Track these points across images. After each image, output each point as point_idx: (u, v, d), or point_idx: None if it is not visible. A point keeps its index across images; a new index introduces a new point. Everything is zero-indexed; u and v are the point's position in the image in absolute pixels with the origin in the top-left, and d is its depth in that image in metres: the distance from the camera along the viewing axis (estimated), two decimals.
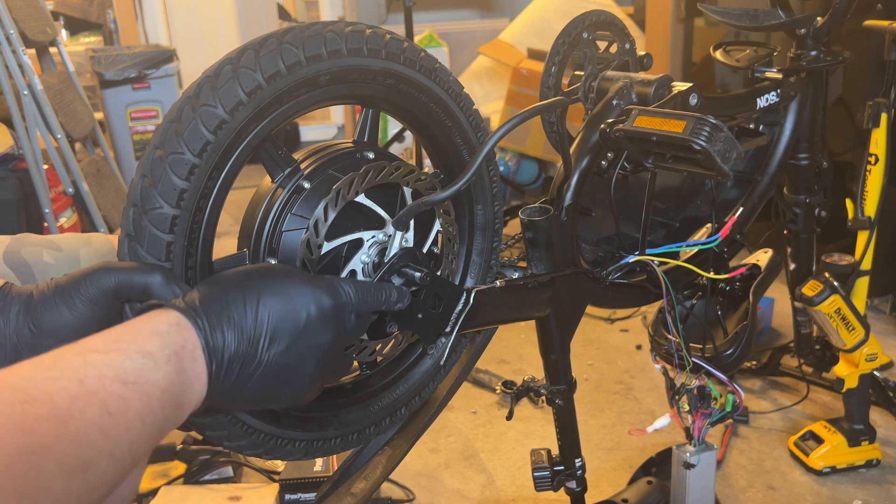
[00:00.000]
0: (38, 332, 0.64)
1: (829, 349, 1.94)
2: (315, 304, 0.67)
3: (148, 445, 0.54)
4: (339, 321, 0.69)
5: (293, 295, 0.66)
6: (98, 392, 0.50)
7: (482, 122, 0.93)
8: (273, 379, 0.65)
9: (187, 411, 0.59)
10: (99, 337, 0.56)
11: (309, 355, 0.67)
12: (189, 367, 0.59)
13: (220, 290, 0.64)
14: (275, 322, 0.64)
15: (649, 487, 1.58)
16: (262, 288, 0.65)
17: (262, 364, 0.64)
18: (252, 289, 0.64)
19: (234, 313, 0.63)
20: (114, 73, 3.57)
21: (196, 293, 0.63)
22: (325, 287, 0.68)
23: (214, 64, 0.69)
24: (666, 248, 1.18)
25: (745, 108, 1.36)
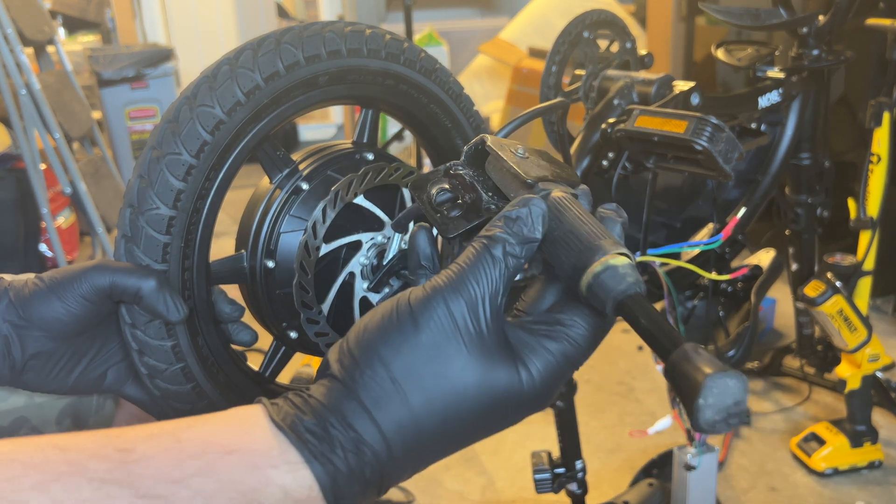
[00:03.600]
0: (28, 324, 0.63)
1: (832, 350, 1.94)
2: (493, 410, 0.49)
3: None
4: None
5: (464, 406, 0.48)
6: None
7: (482, 123, 0.93)
8: (434, 457, 0.51)
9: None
10: (155, 465, 0.43)
11: (481, 433, 0.51)
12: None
13: (350, 366, 0.48)
14: (440, 433, 0.48)
15: (651, 489, 1.58)
16: (429, 393, 0.47)
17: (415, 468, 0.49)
18: (419, 397, 0.47)
19: (387, 438, 0.47)
20: (112, 72, 3.56)
21: (325, 402, 0.47)
22: (504, 386, 0.49)
23: (212, 64, 0.69)
24: (667, 248, 1.18)
25: (746, 107, 1.35)
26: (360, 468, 0.46)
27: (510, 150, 0.63)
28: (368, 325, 0.51)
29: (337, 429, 0.47)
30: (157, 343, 0.68)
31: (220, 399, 0.72)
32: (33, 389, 0.67)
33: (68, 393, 0.69)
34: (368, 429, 0.47)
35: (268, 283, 0.76)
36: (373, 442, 0.47)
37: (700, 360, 0.47)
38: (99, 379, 0.69)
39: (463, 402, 0.48)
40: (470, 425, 0.49)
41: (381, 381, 0.48)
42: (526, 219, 0.52)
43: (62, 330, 0.64)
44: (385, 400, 0.47)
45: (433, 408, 0.47)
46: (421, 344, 0.48)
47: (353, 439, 0.46)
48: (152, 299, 0.64)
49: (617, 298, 0.50)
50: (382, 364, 0.48)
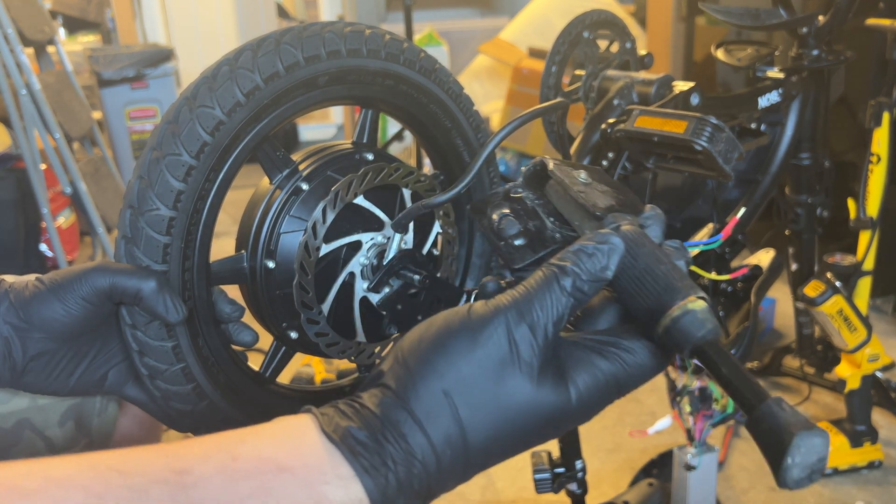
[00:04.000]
0: (29, 325, 0.63)
1: (831, 350, 1.94)
2: (543, 424, 0.49)
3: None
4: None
5: (518, 419, 0.49)
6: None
7: (482, 122, 0.93)
8: (479, 467, 0.51)
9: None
10: (214, 488, 0.43)
11: (532, 442, 0.51)
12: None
13: (403, 381, 0.48)
14: (487, 448, 0.48)
15: (650, 489, 1.58)
16: (486, 411, 0.48)
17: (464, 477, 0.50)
18: (469, 413, 0.47)
19: (447, 441, 0.47)
20: (112, 72, 3.56)
21: (378, 413, 0.47)
22: (553, 406, 0.49)
23: (212, 65, 0.69)
24: None
25: (746, 107, 1.36)
26: (409, 481, 0.46)
27: (572, 174, 0.62)
28: (425, 337, 0.51)
29: (390, 441, 0.47)
30: (157, 344, 0.68)
31: (221, 399, 0.72)
32: (34, 391, 0.67)
33: (69, 394, 0.69)
34: (420, 441, 0.47)
35: (268, 284, 0.76)
36: (423, 455, 0.47)
37: (786, 416, 0.48)
38: (100, 380, 0.70)
39: (512, 420, 0.48)
40: (516, 441, 0.49)
41: (434, 393, 0.48)
42: (601, 257, 0.52)
43: (62, 331, 0.64)
44: (437, 413, 0.47)
45: (482, 424, 0.48)
46: (476, 360, 0.48)
47: (404, 451, 0.46)
48: (152, 300, 0.64)
49: (696, 344, 0.50)
50: (437, 377, 0.48)
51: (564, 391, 0.49)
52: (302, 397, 0.82)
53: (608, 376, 0.51)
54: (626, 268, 0.53)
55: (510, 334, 0.49)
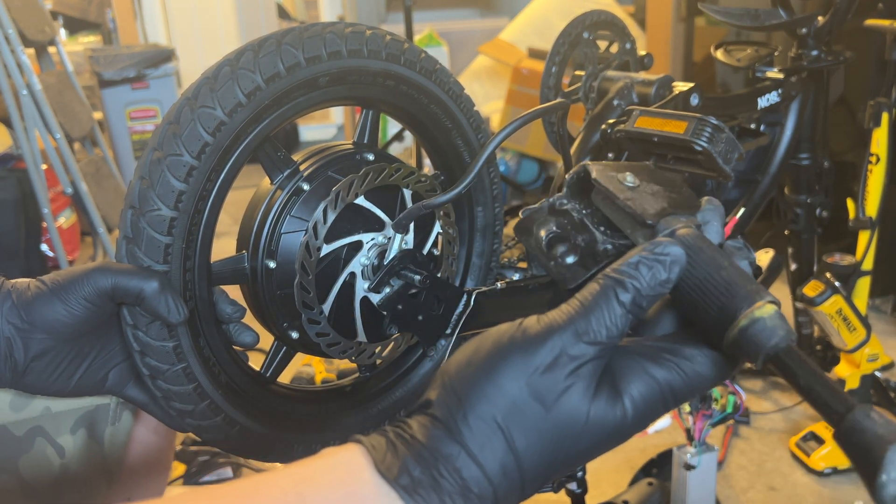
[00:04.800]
0: (31, 326, 0.63)
1: (831, 350, 1.94)
2: (599, 439, 0.48)
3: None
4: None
5: (572, 442, 0.47)
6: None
7: (483, 123, 0.93)
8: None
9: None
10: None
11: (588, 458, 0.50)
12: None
13: (460, 409, 0.46)
14: (542, 472, 0.47)
15: (650, 489, 1.58)
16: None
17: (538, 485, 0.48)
18: (524, 441, 0.45)
19: (505, 471, 0.45)
20: (113, 72, 3.56)
21: (430, 447, 0.45)
22: (606, 425, 0.48)
23: (213, 65, 0.69)
24: None
25: (746, 108, 1.36)
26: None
27: (618, 179, 0.58)
28: (473, 360, 0.48)
29: (444, 477, 0.44)
30: (158, 344, 0.68)
31: (222, 399, 0.72)
32: (34, 391, 0.67)
33: (69, 395, 0.69)
34: (475, 475, 0.45)
35: (269, 284, 0.76)
36: (479, 488, 0.45)
37: (877, 429, 0.44)
38: (100, 381, 0.70)
39: (568, 444, 0.47)
40: (572, 461, 0.48)
41: (486, 422, 0.45)
42: (661, 270, 0.48)
43: (64, 332, 0.64)
44: (490, 444, 0.45)
45: (538, 451, 0.46)
46: (530, 386, 0.46)
47: (460, 486, 0.44)
48: (154, 301, 0.64)
49: (769, 353, 0.47)
50: (489, 404, 0.46)
51: (620, 406, 0.47)
52: (302, 397, 0.83)
53: (663, 385, 0.48)
54: (686, 277, 0.49)
55: (566, 356, 0.46)
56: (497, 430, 0.45)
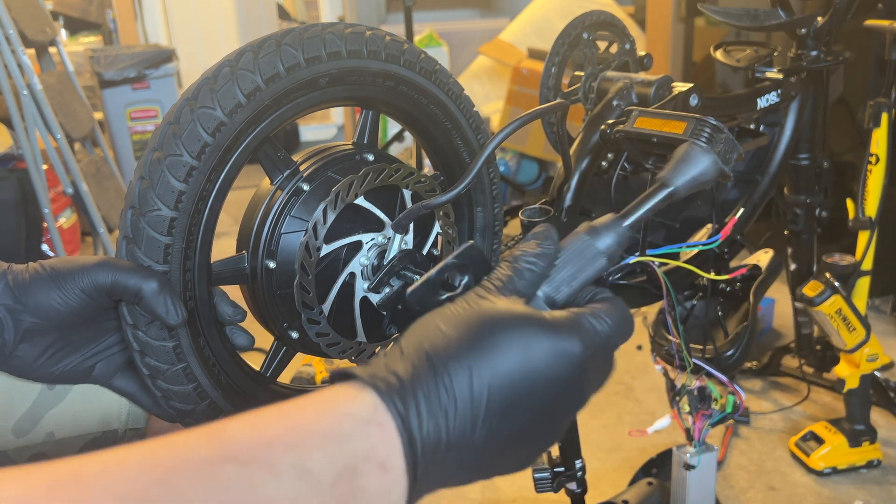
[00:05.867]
0: (22, 308, 0.63)
1: (830, 350, 1.94)
2: (563, 363, 0.49)
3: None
4: (590, 375, 0.51)
5: (534, 361, 0.48)
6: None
7: (482, 123, 0.93)
8: (496, 462, 0.49)
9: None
10: (248, 434, 0.42)
11: (544, 427, 0.50)
12: (373, 483, 0.42)
13: (439, 349, 0.47)
14: (504, 397, 0.47)
15: (650, 488, 1.58)
16: (494, 353, 0.47)
17: (482, 452, 0.47)
18: (482, 356, 0.46)
19: (457, 393, 0.45)
20: (113, 72, 3.56)
21: (401, 358, 0.47)
22: (572, 334, 0.50)
23: (213, 66, 0.69)
24: (666, 248, 1.18)
25: (745, 108, 1.36)
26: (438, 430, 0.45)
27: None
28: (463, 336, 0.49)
29: (417, 384, 0.46)
30: (158, 344, 0.68)
31: (222, 399, 0.73)
32: (19, 375, 0.66)
33: (55, 381, 0.68)
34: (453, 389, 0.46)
35: (269, 284, 0.76)
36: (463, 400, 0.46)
37: None
38: (87, 370, 0.69)
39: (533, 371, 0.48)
40: (539, 397, 0.48)
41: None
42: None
43: (55, 318, 0.64)
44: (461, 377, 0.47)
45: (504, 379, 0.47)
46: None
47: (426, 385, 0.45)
48: (152, 301, 0.64)
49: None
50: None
51: (582, 327, 0.51)
52: None
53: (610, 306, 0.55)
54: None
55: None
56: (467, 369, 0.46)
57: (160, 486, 0.38)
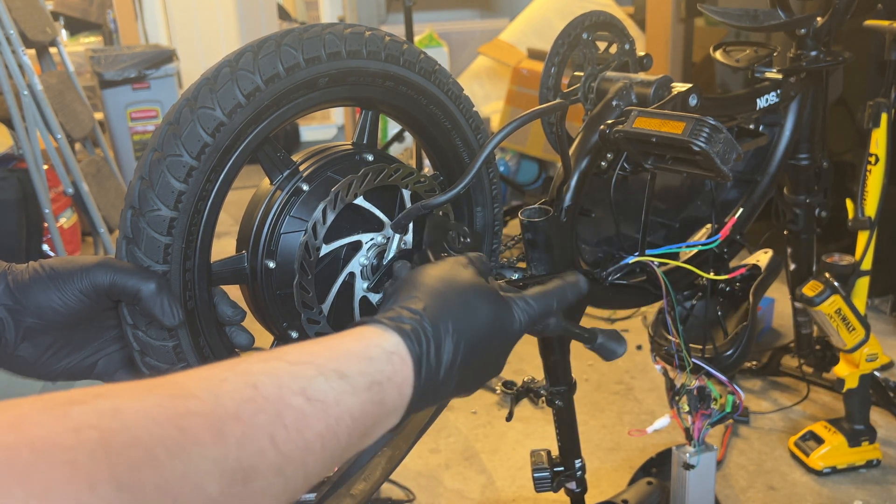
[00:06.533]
0: (22, 308, 0.64)
1: (830, 349, 1.94)
2: (510, 328, 0.66)
3: (324, 473, 0.50)
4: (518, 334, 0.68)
5: (495, 323, 0.64)
6: (274, 400, 0.46)
7: (482, 123, 0.93)
8: (456, 388, 0.63)
9: (373, 440, 0.55)
10: (296, 348, 0.52)
11: (492, 364, 0.66)
12: (391, 399, 0.55)
13: (446, 311, 0.61)
14: (475, 344, 0.62)
15: (649, 488, 1.58)
16: (474, 315, 0.62)
17: (455, 381, 0.61)
18: (467, 317, 0.62)
19: (458, 343, 0.60)
20: (113, 73, 3.57)
21: (417, 311, 0.59)
22: (509, 307, 0.67)
23: (213, 66, 0.69)
24: (666, 248, 1.18)
25: (745, 108, 1.36)
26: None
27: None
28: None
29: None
30: (158, 344, 0.68)
31: None
32: (21, 373, 0.67)
33: (56, 379, 0.69)
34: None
35: (269, 284, 0.76)
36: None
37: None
38: (89, 367, 0.70)
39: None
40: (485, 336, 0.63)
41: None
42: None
43: (55, 318, 0.65)
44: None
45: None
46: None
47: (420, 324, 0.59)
48: (150, 302, 0.64)
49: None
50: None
51: (512, 308, 0.67)
52: None
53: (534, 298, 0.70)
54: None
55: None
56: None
57: (229, 371, 0.47)
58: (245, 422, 0.44)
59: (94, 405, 0.40)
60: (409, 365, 0.56)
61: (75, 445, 0.37)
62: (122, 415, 0.40)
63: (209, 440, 0.42)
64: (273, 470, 0.45)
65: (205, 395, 0.44)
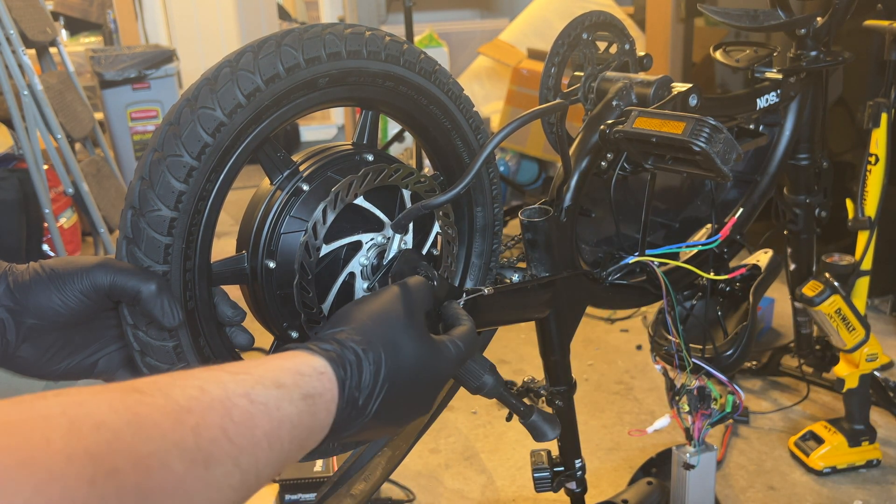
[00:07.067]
0: (23, 309, 0.64)
1: (830, 349, 1.94)
2: (435, 368, 0.69)
3: (272, 473, 0.53)
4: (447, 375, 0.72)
5: (419, 365, 0.67)
6: (221, 399, 0.50)
7: (482, 123, 0.93)
8: (372, 431, 0.66)
9: (305, 453, 0.59)
10: (232, 363, 0.56)
11: (416, 404, 0.69)
12: (321, 414, 0.58)
13: (368, 342, 0.64)
14: (397, 381, 0.65)
15: (649, 488, 1.58)
16: (398, 352, 0.66)
17: (377, 414, 0.64)
18: (390, 352, 0.65)
19: (379, 376, 0.63)
20: (114, 73, 3.57)
21: (341, 340, 0.63)
22: (446, 351, 0.71)
23: (213, 66, 0.69)
24: (666, 248, 1.18)
25: (744, 108, 1.36)
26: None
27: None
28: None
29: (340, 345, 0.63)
30: (158, 344, 0.68)
31: None
32: (23, 373, 0.67)
33: (59, 378, 0.69)
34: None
35: (269, 284, 0.76)
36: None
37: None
38: (90, 366, 0.70)
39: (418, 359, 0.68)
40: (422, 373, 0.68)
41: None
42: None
43: (56, 319, 0.65)
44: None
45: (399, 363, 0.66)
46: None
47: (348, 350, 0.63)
48: (150, 303, 0.64)
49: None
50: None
51: (448, 352, 0.71)
52: None
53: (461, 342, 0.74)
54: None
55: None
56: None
57: (177, 378, 0.50)
58: (197, 414, 0.47)
59: (56, 400, 0.42)
60: (335, 386, 0.60)
61: (46, 427, 0.39)
62: (86, 405, 0.42)
63: (168, 426, 0.45)
64: (230, 459, 0.48)
65: (156, 393, 0.47)
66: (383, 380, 0.64)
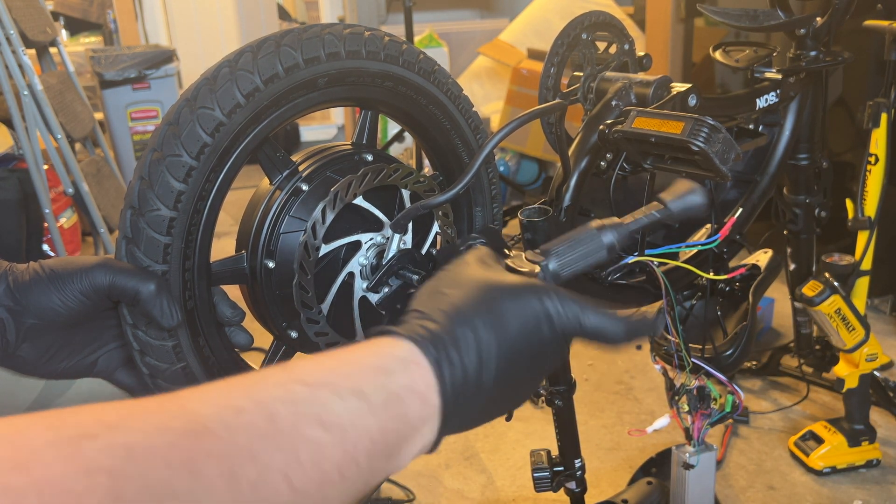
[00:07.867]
0: (23, 309, 0.64)
1: (830, 349, 1.94)
2: (546, 329, 0.59)
3: (350, 499, 0.48)
4: (565, 340, 0.61)
5: (530, 315, 0.58)
6: (290, 434, 0.45)
7: (481, 123, 0.93)
8: (497, 405, 0.59)
9: (407, 460, 0.52)
10: (310, 365, 0.50)
11: (532, 374, 0.60)
12: (414, 411, 0.51)
13: (460, 311, 0.56)
14: (506, 350, 0.56)
15: (649, 488, 1.58)
16: (498, 316, 0.57)
17: (489, 393, 0.56)
18: (494, 308, 0.57)
19: (480, 339, 0.55)
20: (114, 73, 3.57)
21: (429, 317, 0.56)
22: (557, 307, 0.61)
23: (212, 66, 0.69)
24: (665, 248, 1.18)
25: (744, 108, 1.36)
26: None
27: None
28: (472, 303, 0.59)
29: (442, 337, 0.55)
30: (158, 343, 0.69)
31: None
32: (23, 373, 0.67)
33: (59, 377, 0.69)
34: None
35: (268, 284, 0.76)
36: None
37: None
38: (90, 365, 0.70)
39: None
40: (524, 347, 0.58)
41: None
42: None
43: (55, 319, 0.65)
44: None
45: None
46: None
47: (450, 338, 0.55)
48: (149, 303, 0.64)
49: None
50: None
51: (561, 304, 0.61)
52: None
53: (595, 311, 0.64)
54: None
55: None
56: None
57: (246, 398, 0.45)
58: (260, 463, 0.43)
59: (106, 441, 0.38)
60: (428, 372, 0.53)
61: (84, 492, 0.36)
62: (135, 456, 0.38)
63: (222, 486, 0.41)
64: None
65: (219, 430, 0.43)
66: (487, 348, 0.55)
